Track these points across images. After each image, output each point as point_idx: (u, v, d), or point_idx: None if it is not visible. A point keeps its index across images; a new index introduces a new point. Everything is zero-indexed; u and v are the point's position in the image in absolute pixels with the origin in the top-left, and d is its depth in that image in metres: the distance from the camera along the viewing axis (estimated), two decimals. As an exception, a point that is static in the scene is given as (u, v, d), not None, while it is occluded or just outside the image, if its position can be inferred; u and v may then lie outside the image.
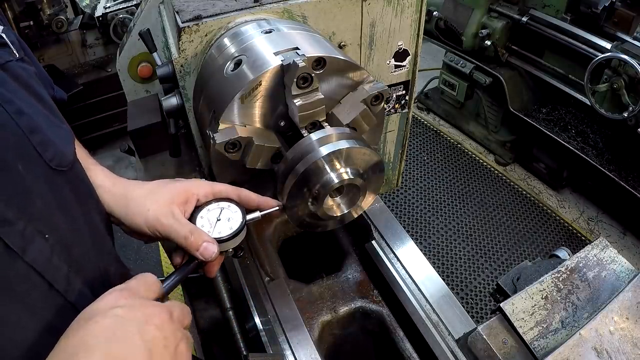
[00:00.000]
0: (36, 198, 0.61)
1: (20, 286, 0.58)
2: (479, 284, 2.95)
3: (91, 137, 4.10)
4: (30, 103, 0.67)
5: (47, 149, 0.65)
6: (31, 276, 0.59)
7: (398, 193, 3.55)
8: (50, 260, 0.61)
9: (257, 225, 1.33)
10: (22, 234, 0.57)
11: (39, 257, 0.59)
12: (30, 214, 0.59)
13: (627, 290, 0.88)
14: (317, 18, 1.02)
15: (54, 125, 0.71)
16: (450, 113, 4.29)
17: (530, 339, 0.85)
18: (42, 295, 0.60)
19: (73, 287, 0.65)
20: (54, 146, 0.67)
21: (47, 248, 0.61)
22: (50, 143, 0.66)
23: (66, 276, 0.63)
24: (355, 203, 0.91)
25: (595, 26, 2.81)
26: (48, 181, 0.65)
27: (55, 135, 0.69)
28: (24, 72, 0.70)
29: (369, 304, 1.25)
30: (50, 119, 0.71)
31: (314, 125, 0.86)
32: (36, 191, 0.62)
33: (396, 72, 1.21)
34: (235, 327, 1.23)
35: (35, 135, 0.64)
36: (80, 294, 0.66)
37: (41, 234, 0.60)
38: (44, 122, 0.68)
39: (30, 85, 0.69)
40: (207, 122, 0.91)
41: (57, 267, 0.62)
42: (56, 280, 0.62)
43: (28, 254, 0.58)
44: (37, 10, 3.36)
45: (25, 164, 0.61)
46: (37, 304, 0.60)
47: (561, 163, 3.47)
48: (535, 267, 1.07)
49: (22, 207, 0.58)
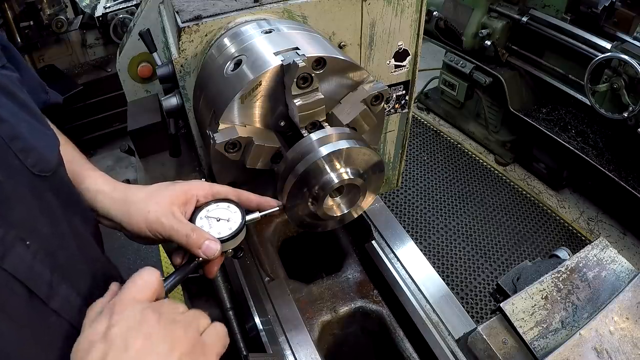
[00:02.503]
0: (16, 204, 0.61)
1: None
2: (479, 284, 2.95)
3: (91, 137, 4.11)
4: (12, 110, 0.67)
5: (29, 156, 0.65)
6: (11, 283, 0.58)
7: (398, 193, 3.55)
8: (32, 267, 0.60)
9: (257, 225, 1.33)
10: (2, 240, 0.57)
11: (20, 264, 0.59)
12: (9, 221, 0.59)
13: (627, 290, 0.88)
14: (317, 18, 1.02)
15: (38, 132, 0.71)
16: (450, 113, 4.29)
17: (530, 339, 0.85)
18: (21, 303, 0.59)
19: (56, 293, 0.64)
20: (36, 152, 0.67)
21: (29, 254, 0.60)
22: (32, 149, 0.66)
23: (49, 283, 0.63)
24: (355, 203, 0.91)
25: (595, 26, 2.81)
26: (30, 187, 0.65)
27: (38, 141, 0.69)
28: (6, 79, 0.70)
29: (369, 304, 1.25)
30: (34, 125, 0.71)
31: (314, 125, 0.86)
32: (16, 197, 0.61)
33: (396, 72, 1.21)
34: (235, 327, 1.23)
35: (16, 142, 0.64)
36: (65, 300, 0.65)
37: (22, 241, 0.60)
38: (26, 128, 0.68)
39: (12, 92, 0.70)
40: (207, 122, 0.91)
41: (39, 273, 0.61)
42: (37, 287, 0.61)
43: (7, 260, 0.57)
44: (37, 10, 3.36)
45: (5, 171, 0.61)
46: (16, 311, 0.58)
47: (561, 163, 3.47)
48: (535, 267, 1.07)
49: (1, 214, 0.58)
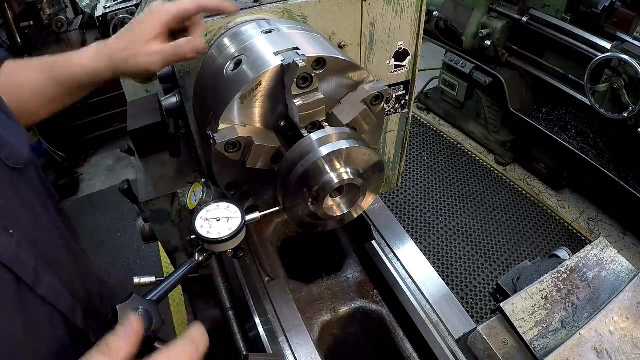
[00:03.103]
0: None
1: None
2: (479, 284, 2.96)
3: (91, 137, 4.11)
4: None
5: (3, 149, 0.68)
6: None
7: (398, 193, 3.55)
8: (18, 255, 0.62)
9: (257, 225, 1.33)
10: None
11: (6, 252, 0.61)
12: None
13: (627, 290, 0.88)
14: (317, 18, 1.02)
15: (8, 126, 0.73)
16: (450, 113, 4.29)
17: (530, 339, 0.85)
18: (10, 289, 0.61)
19: (42, 280, 0.66)
20: (9, 146, 0.70)
21: (13, 242, 0.62)
22: (6, 143, 0.69)
23: (34, 269, 0.65)
24: (355, 203, 0.91)
25: (595, 26, 2.81)
26: (7, 180, 0.67)
27: (10, 135, 0.72)
28: None
29: (369, 304, 1.25)
30: (4, 120, 0.74)
31: (314, 125, 0.86)
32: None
33: (396, 72, 1.21)
34: (235, 327, 1.23)
35: None
36: (50, 287, 0.67)
37: (6, 230, 0.62)
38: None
39: None
40: (207, 122, 0.91)
41: (24, 260, 0.63)
42: (24, 273, 0.63)
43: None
44: (37, 10, 3.36)
45: None
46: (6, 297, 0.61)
47: (561, 163, 3.47)
48: (535, 267, 1.07)
49: None
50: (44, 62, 0.90)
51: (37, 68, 0.89)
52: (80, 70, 0.88)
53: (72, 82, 0.89)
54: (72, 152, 4.04)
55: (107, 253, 3.31)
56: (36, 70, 0.89)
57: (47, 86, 0.88)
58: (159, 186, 1.38)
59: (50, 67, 0.89)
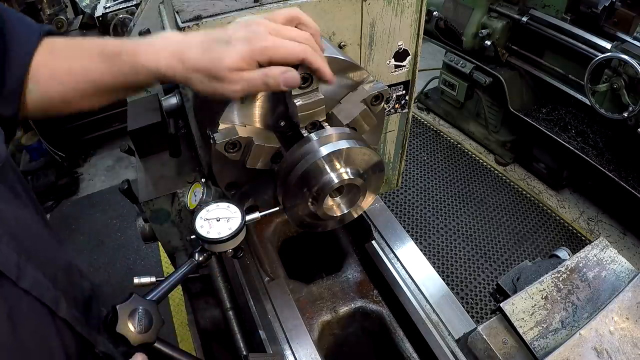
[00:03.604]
0: None
1: None
2: (479, 284, 2.96)
3: (91, 137, 4.11)
4: None
5: None
6: None
7: (398, 193, 3.55)
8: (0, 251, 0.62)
9: (257, 225, 1.33)
10: None
11: None
12: None
13: (627, 290, 0.88)
14: (317, 18, 1.02)
15: None
16: (450, 113, 4.29)
17: (530, 339, 0.85)
18: None
19: (25, 274, 0.66)
20: None
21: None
22: None
23: (17, 264, 0.65)
24: (355, 203, 0.91)
25: (595, 26, 2.81)
26: None
27: None
28: None
29: (369, 304, 1.25)
30: None
31: (314, 125, 0.86)
32: None
33: (396, 72, 1.21)
34: (235, 327, 1.23)
35: None
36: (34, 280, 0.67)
37: None
38: None
39: None
40: (207, 122, 0.91)
41: (6, 255, 0.63)
42: (7, 268, 0.63)
43: None
44: (37, 10, 3.37)
45: None
46: None
47: (561, 163, 3.47)
48: (535, 267, 1.07)
49: None
50: (102, 48, 0.76)
51: (93, 53, 0.77)
52: (146, 73, 0.75)
53: (135, 82, 0.78)
54: (72, 152, 4.04)
55: (107, 253, 3.31)
56: (90, 55, 0.77)
57: (103, 76, 0.77)
58: (159, 186, 1.38)
59: (111, 58, 0.76)
